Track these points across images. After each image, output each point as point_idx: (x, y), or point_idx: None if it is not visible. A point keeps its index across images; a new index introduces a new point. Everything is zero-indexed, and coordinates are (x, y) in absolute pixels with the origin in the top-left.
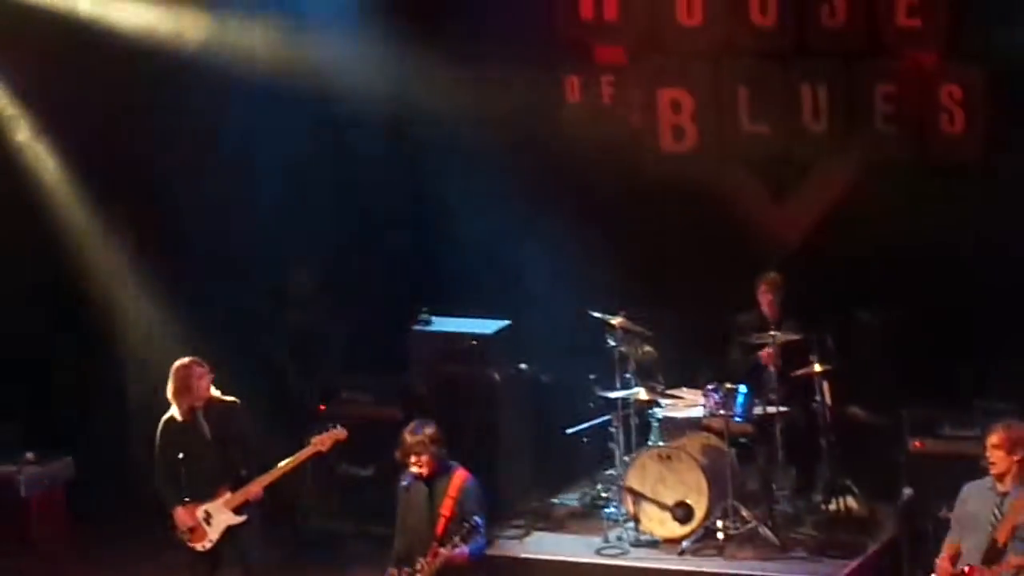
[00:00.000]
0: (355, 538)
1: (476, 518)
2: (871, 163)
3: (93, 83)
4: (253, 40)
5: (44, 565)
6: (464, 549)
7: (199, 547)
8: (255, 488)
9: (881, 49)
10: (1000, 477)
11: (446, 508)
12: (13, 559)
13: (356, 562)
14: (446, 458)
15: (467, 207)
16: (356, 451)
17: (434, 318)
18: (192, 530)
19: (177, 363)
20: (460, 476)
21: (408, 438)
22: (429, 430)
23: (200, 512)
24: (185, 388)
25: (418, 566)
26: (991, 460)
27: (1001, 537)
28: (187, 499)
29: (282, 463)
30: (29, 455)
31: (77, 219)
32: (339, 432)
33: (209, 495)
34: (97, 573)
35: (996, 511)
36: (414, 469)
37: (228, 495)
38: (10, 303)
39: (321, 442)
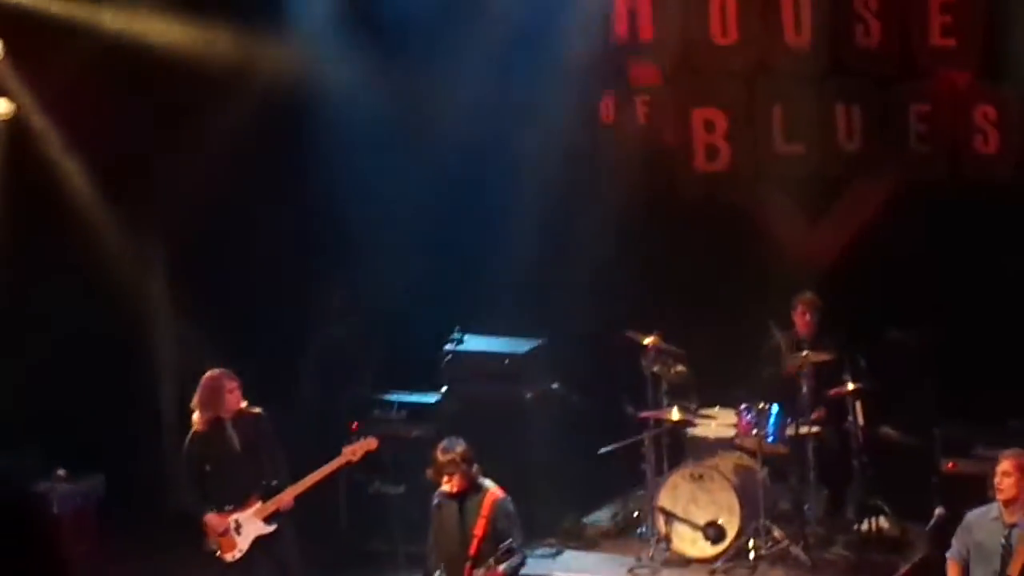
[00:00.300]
0: (387, 557)
1: (511, 541)
2: (905, 183)
3: (118, 96)
4: (280, 56)
5: None
6: (498, 571)
7: (229, 557)
8: (286, 497)
9: (915, 69)
10: (1008, 504)
11: (479, 528)
12: None
13: None
14: (478, 476)
15: (502, 226)
16: (388, 469)
17: (467, 337)
18: (222, 538)
19: (207, 374)
20: (493, 495)
21: (439, 456)
22: (460, 448)
23: (230, 521)
24: (212, 399)
25: None
26: (1000, 487)
27: (1015, 573)
28: (216, 509)
29: (312, 474)
30: (61, 472)
31: (109, 233)
32: (370, 442)
33: (239, 505)
34: None
35: (1004, 542)
36: (445, 488)
37: (258, 504)
38: (40, 319)
39: (352, 452)
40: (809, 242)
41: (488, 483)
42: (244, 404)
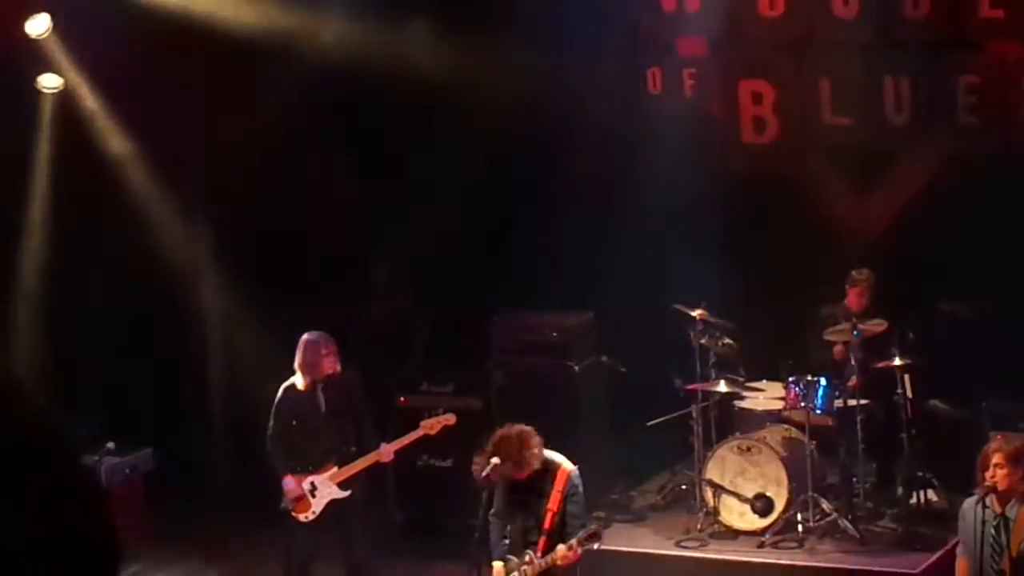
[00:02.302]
0: (435, 529)
1: (598, 524)
2: (954, 155)
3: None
4: (329, 27)
5: (123, 556)
6: (579, 551)
7: (302, 517)
8: (363, 464)
9: (964, 40)
10: (1005, 494)
11: (554, 503)
12: None
13: (436, 554)
14: (543, 452)
15: (550, 199)
16: (436, 443)
17: (516, 309)
18: (298, 500)
19: (305, 336)
20: (565, 470)
21: (496, 448)
22: (517, 433)
23: (307, 483)
24: (311, 362)
25: (527, 558)
26: (994, 478)
27: (1007, 567)
28: (297, 468)
29: (387, 444)
30: (109, 445)
31: (158, 208)
32: (448, 417)
33: (317, 467)
34: (174, 565)
35: (994, 532)
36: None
37: (335, 469)
38: (89, 293)
39: (430, 426)
40: (858, 214)
41: (556, 456)
42: (338, 369)
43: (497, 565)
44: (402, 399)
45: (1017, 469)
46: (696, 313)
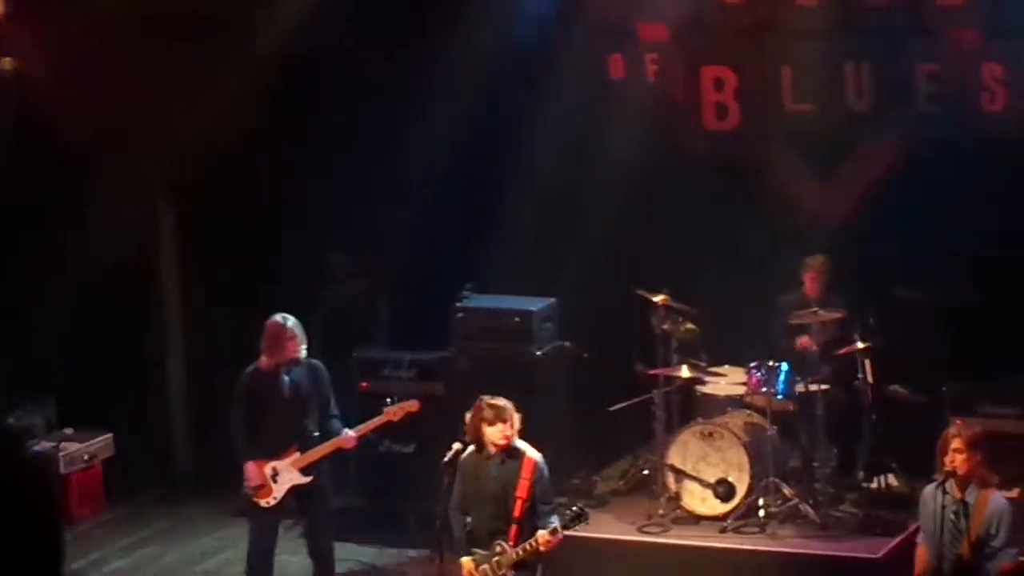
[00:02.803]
0: (396, 515)
1: (581, 505)
2: (914, 142)
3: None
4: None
5: (82, 542)
6: (561, 537)
7: (263, 503)
8: (326, 450)
9: (924, 28)
10: (963, 480)
11: (522, 490)
12: None
13: (398, 540)
14: (504, 427)
15: (511, 185)
16: (398, 429)
17: (478, 295)
18: (259, 486)
19: (271, 318)
20: (532, 458)
21: (501, 407)
22: (503, 401)
23: (268, 469)
24: (272, 345)
25: (498, 549)
26: (953, 463)
27: (966, 551)
28: (259, 453)
29: (351, 431)
30: (68, 431)
31: (117, 194)
32: (411, 404)
33: (279, 452)
34: (133, 550)
35: (953, 518)
36: (500, 437)
37: (296, 455)
38: (50, 279)
39: (393, 412)
40: (819, 201)
41: (521, 444)
42: (303, 353)
43: (465, 560)
44: (364, 384)
45: (975, 454)
46: (658, 298)
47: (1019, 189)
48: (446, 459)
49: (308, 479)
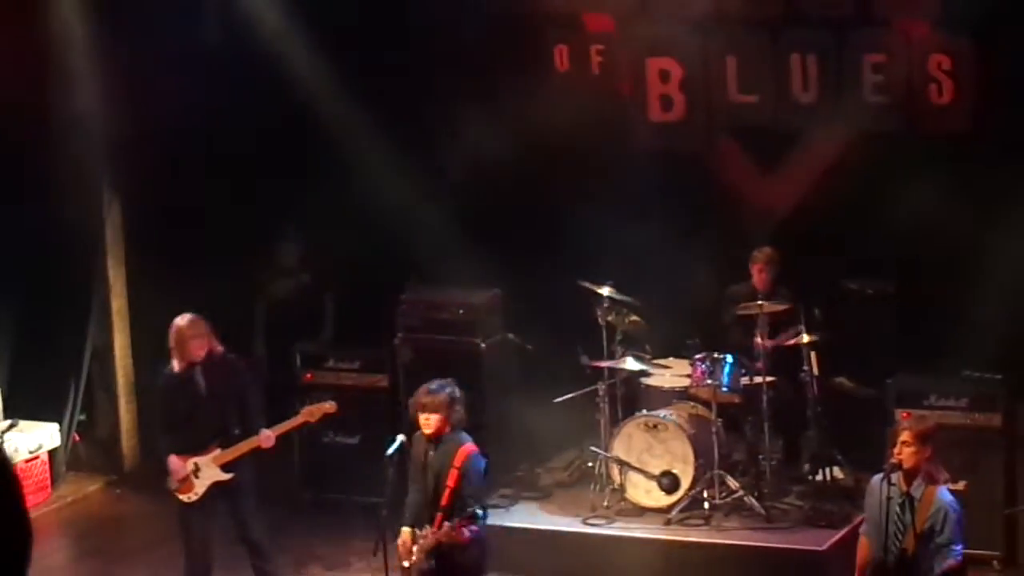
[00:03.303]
0: (341, 507)
1: (478, 508)
2: (860, 134)
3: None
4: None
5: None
6: (465, 533)
7: (185, 498)
8: (242, 449)
9: (870, 18)
10: (909, 474)
11: (451, 479)
12: None
13: (343, 531)
14: (458, 425)
15: (454, 176)
16: (343, 420)
17: (421, 287)
18: (182, 481)
19: (175, 320)
20: (467, 448)
21: (422, 396)
22: (446, 393)
23: (190, 464)
24: (178, 345)
25: (424, 532)
26: (900, 455)
27: (910, 545)
28: (182, 449)
29: (268, 430)
30: (14, 422)
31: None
32: (329, 406)
33: (200, 449)
34: (83, 540)
35: (899, 511)
36: (422, 426)
37: (217, 451)
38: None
39: (310, 413)
40: (764, 193)
41: (465, 436)
42: (220, 350)
43: (405, 530)
44: (308, 376)
45: (924, 448)
46: (603, 290)
47: (965, 181)
48: (389, 451)
49: (228, 476)
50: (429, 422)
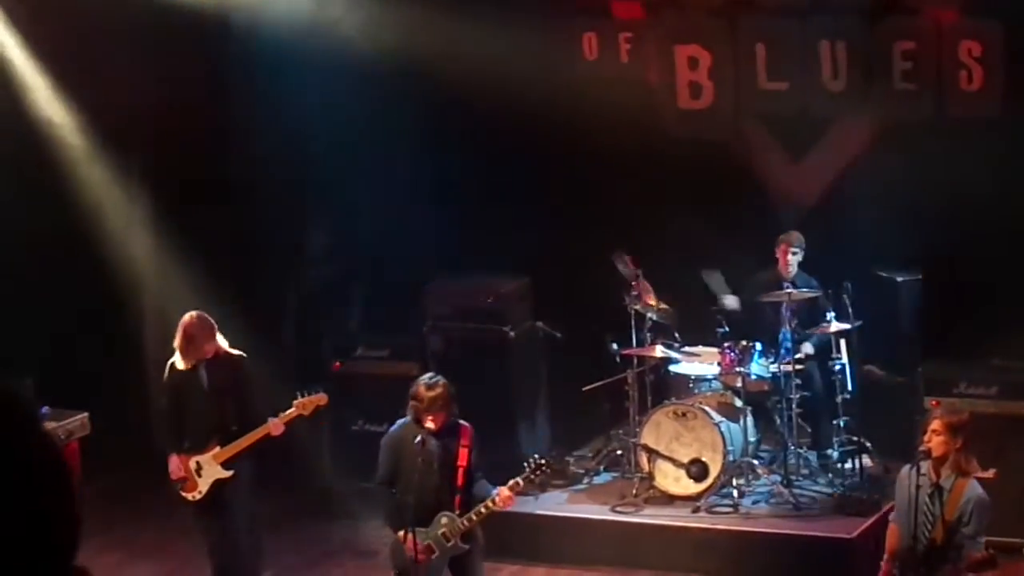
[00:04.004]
0: (370, 495)
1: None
2: (890, 121)
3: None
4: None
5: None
6: (514, 499)
7: (189, 497)
8: (240, 447)
9: (900, 5)
10: (939, 463)
11: (462, 459)
12: None
13: (372, 518)
14: (455, 412)
15: (486, 165)
16: (371, 408)
17: (450, 275)
18: (184, 479)
19: (184, 318)
20: (467, 428)
21: (425, 392)
22: (442, 387)
23: (192, 463)
24: (185, 344)
25: (443, 521)
26: (929, 443)
27: (939, 535)
28: (184, 447)
29: (274, 418)
30: (45, 410)
31: (94, 175)
32: (320, 397)
33: (202, 447)
34: (110, 530)
35: (928, 500)
36: (428, 424)
37: (217, 449)
38: (27, 260)
39: (303, 406)
40: (793, 180)
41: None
42: (224, 347)
43: (400, 534)
44: (337, 364)
45: (955, 439)
46: (632, 279)
47: (995, 168)
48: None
49: (229, 473)
50: (436, 420)
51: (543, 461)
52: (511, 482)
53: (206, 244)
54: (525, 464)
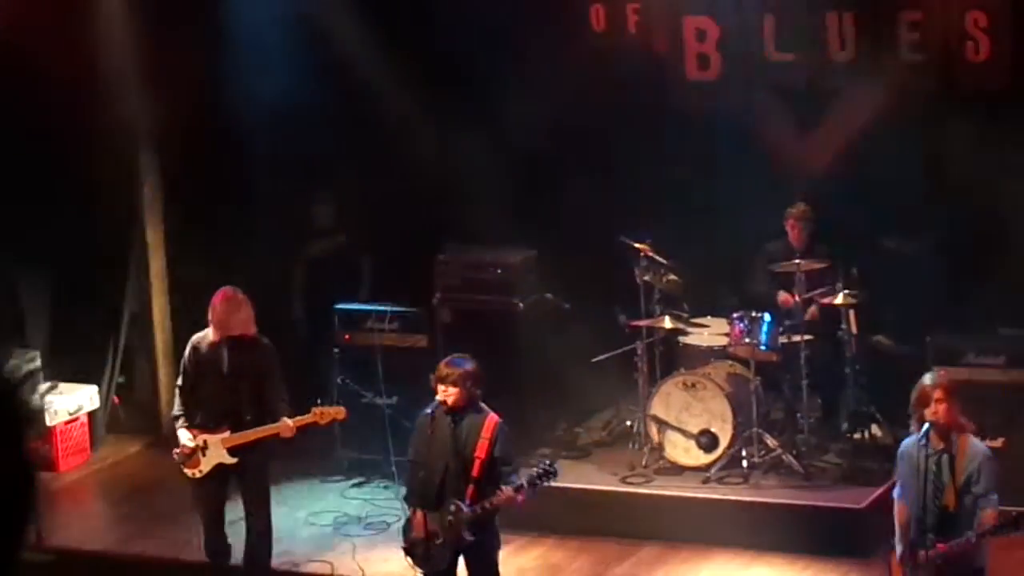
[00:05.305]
0: (379, 467)
1: (514, 476)
2: (897, 92)
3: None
4: None
5: (68, 493)
6: (519, 497)
7: (189, 473)
8: (258, 434)
9: None
10: (944, 431)
11: (481, 450)
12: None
13: (381, 491)
14: (479, 399)
15: (492, 135)
16: (380, 381)
17: (458, 247)
18: (189, 455)
19: (222, 290)
20: (493, 418)
21: (442, 367)
22: (469, 366)
23: (200, 440)
24: (224, 319)
25: (452, 508)
26: (936, 414)
27: (951, 502)
28: (197, 422)
29: (289, 420)
30: (54, 384)
31: (102, 149)
32: (338, 411)
33: (214, 427)
34: (120, 503)
35: (934, 468)
36: (440, 396)
37: (227, 434)
38: (34, 234)
39: (320, 414)
40: (801, 151)
41: (486, 408)
42: (254, 331)
43: (419, 512)
44: (347, 337)
45: (955, 402)
46: (641, 248)
47: (1003, 138)
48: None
49: (234, 461)
50: (448, 392)
51: (552, 469)
52: (517, 483)
53: (212, 216)
54: (535, 467)
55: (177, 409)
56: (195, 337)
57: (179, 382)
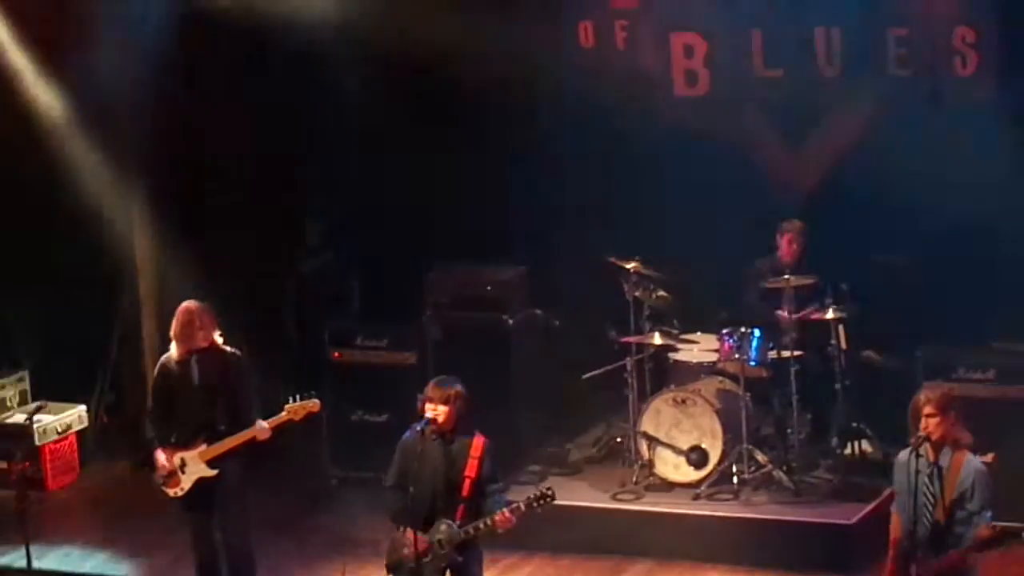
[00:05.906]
0: (369, 484)
1: (507, 497)
2: (885, 107)
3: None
4: None
5: (57, 513)
6: (514, 519)
7: (171, 493)
8: (225, 447)
9: None
10: (938, 442)
11: (471, 470)
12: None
13: (371, 509)
14: (466, 419)
15: (482, 153)
16: (371, 398)
17: (449, 263)
18: (169, 475)
19: (183, 305)
20: (480, 438)
21: (430, 388)
22: (456, 388)
23: (177, 459)
24: (181, 333)
25: (442, 527)
26: (927, 428)
27: (941, 516)
28: (171, 441)
29: (263, 422)
30: (43, 403)
31: (90, 166)
32: (312, 404)
33: (188, 443)
34: (109, 523)
35: (928, 482)
36: (428, 414)
37: (204, 447)
38: (22, 252)
39: (294, 411)
40: (790, 167)
41: (473, 429)
42: (219, 341)
43: (408, 533)
44: (336, 354)
45: (948, 416)
46: (630, 265)
47: (990, 154)
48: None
49: (213, 472)
50: (437, 411)
51: (550, 493)
52: (513, 505)
53: (204, 237)
54: (533, 493)
55: (149, 432)
56: (162, 359)
57: (149, 406)
